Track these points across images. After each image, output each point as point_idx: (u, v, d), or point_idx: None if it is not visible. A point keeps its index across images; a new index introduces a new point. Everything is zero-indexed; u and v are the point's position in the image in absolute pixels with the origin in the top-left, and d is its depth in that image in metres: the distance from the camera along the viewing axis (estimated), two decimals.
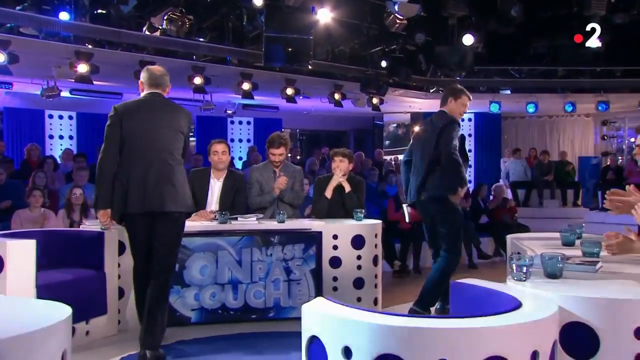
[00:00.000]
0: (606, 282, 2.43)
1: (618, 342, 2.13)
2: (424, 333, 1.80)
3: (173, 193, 4.07)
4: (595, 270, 2.63)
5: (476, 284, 2.48)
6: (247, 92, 10.85)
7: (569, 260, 2.70)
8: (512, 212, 10.40)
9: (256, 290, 5.08)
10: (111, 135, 4.08)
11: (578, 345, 2.16)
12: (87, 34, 8.84)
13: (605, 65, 13.09)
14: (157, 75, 4.29)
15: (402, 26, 10.13)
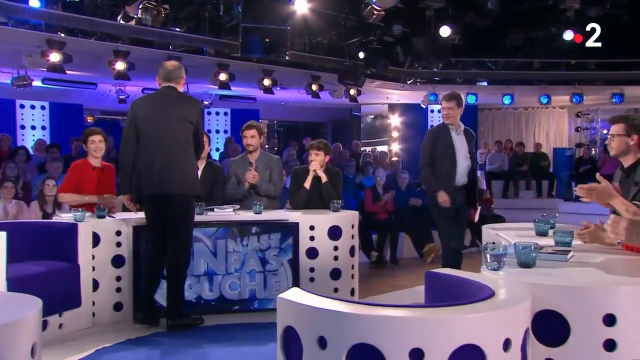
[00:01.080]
0: (577, 271, 2.46)
1: (588, 328, 2.16)
2: (398, 323, 1.81)
3: (177, 177, 4.49)
4: (567, 259, 2.67)
5: (451, 274, 2.50)
6: (223, 83, 10.76)
7: (541, 249, 2.73)
8: (489, 203, 10.49)
9: (232, 282, 5.07)
10: (128, 126, 4.65)
11: (549, 332, 2.19)
12: (60, 22, 8.66)
13: (579, 58, 13.25)
14: (169, 69, 4.75)
15: (380, 17, 10.12)
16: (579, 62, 13.37)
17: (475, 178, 5.60)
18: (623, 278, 2.31)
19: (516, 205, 12.44)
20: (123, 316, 4.91)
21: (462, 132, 5.53)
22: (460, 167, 5.44)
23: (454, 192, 5.41)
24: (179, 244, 4.58)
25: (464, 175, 5.48)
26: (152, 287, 4.73)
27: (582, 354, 2.17)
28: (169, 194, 4.50)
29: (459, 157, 5.44)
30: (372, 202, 8.29)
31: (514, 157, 13.96)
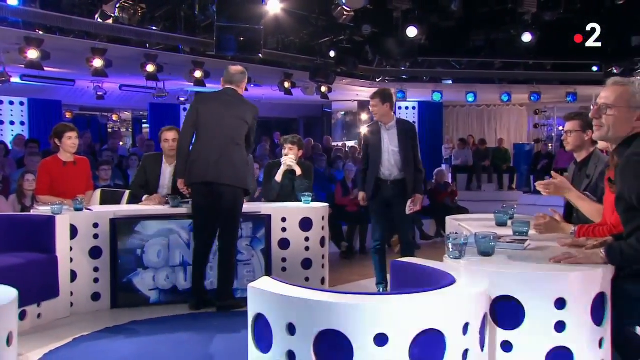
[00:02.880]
0: (532, 259, 2.50)
1: (541, 312, 2.20)
2: (363, 309, 1.82)
3: (230, 169, 4.70)
4: (524, 247, 2.71)
5: (415, 263, 2.52)
6: (199, 80, 10.70)
7: (500, 239, 2.77)
8: (453, 195, 10.60)
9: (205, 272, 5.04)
10: (189, 118, 4.89)
11: (506, 316, 2.22)
12: (37, 20, 8.50)
13: (536, 59, 13.43)
14: (232, 74, 4.96)
15: (349, 18, 10.12)
16: (536, 63, 13.56)
17: (410, 171, 5.25)
18: (572, 265, 2.35)
19: (479, 198, 12.60)
20: (101, 306, 4.86)
21: (394, 126, 5.31)
22: (386, 161, 5.25)
23: (379, 187, 5.29)
24: (229, 232, 4.79)
25: (392, 169, 5.26)
26: (198, 273, 4.87)
27: (536, 335, 2.21)
28: (219, 184, 4.68)
29: (384, 152, 5.26)
30: (342, 195, 8.30)
31: (477, 153, 14.12)
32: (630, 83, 2.53)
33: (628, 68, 13.12)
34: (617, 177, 2.46)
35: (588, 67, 13.57)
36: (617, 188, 2.45)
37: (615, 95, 2.54)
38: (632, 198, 2.33)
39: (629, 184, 2.34)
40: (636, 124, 2.49)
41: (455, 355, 1.90)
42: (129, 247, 4.90)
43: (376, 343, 1.80)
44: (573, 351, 2.21)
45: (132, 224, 4.92)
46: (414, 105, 16.45)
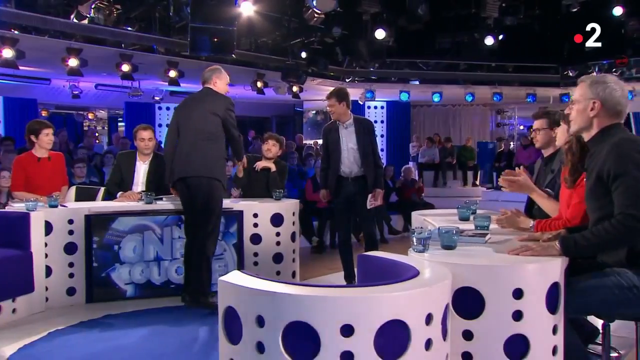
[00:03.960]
0: (492, 251, 2.53)
1: (500, 302, 2.22)
2: (329, 301, 1.82)
3: (199, 161, 4.60)
4: (484, 241, 2.73)
5: (381, 256, 2.53)
6: (173, 80, 10.60)
7: (462, 233, 2.79)
8: (420, 191, 10.69)
9: (178, 267, 5.02)
10: (171, 126, 4.92)
11: (467, 306, 2.24)
12: (12, 20, 8.32)
13: (499, 61, 13.62)
14: (204, 74, 4.97)
15: (320, 20, 10.12)
16: (498, 65, 13.75)
17: (369, 167, 5.20)
18: (530, 257, 2.38)
19: (444, 194, 12.71)
20: (76, 300, 4.80)
21: (352, 125, 5.27)
22: (345, 159, 5.22)
23: (341, 184, 5.26)
24: (201, 226, 4.61)
25: (351, 166, 5.23)
26: (186, 268, 4.78)
27: (495, 324, 2.23)
28: (191, 177, 4.61)
29: (343, 150, 5.22)
30: (313, 191, 8.30)
31: (443, 150, 14.25)
32: (589, 77, 2.62)
33: (582, 71, 13.37)
34: (596, 163, 2.49)
35: (546, 69, 13.81)
36: (595, 171, 2.48)
37: (578, 91, 2.63)
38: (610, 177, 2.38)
39: (618, 164, 2.38)
40: (591, 114, 2.55)
41: (418, 344, 1.91)
42: (107, 243, 4.85)
43: (342, 334, 1.80)
44: (529, 338, 2.24)
45: (108, 220, 4.85)
46: (382, 105, 16.52)
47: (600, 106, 2.54)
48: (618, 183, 2.37)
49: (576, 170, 2.91)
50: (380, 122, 16.51)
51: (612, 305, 2.50)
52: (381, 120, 16.58)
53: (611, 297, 2.47)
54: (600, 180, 2.45)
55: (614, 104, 2.54)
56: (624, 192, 2.36)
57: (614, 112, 2.55)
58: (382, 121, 16.60)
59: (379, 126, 16.62)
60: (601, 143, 2.54)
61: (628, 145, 2.42)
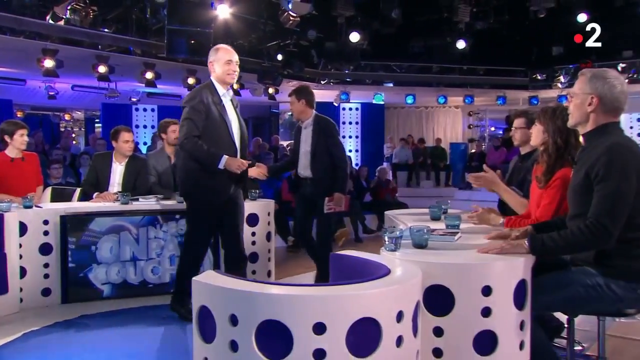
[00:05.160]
0: (462, 250, 2.54)
1: (469, 299, 2.24)
2: (301, 300, 1.81)
3: (179, 177, 4.30)
4: (454, 240, 2.75)
5: (353, 255, 2.52)
6: (150, 81, 10.51)
7: (433, 232, 2.80)
8: (394, 191, 10.74)
9: (153, 266, 4.97)
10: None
11: (437, 304, 2.25)
12: None
13: (470, 64, 13.78)
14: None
15: (296, 23, 10.14)
16: (470, 68, 13.91)
17: (321, 170, 4.89)
18: (498, 255, 2.40)
19: (417, 194, 12.79)
20: (51, 301, 4.71)
21: (311, 124, 4.96)
22: (301, 160, 4.98)
23: (300, 184, 5.08)
24: (186, 239, 4.41)
25: (305, 169, 4.96)
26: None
27: (464, 320, 2.25)
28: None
29: (300, 151, 4.98)
30: (289, 191, 8.29)
31: (416, 151, 14.35)
32: (589, 71, 2.56)
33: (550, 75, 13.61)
34: (587, 160, 2.49)
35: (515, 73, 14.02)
36: (584, 167, 2.48)
37: (577, 84, 2.59)
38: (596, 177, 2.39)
39: (606, 168, 2.37)
40: (589, 109, 2.53)
41: (389, 341, 1.91)
42: (84, 243, 4.77)
43: (315, 331, 1.80)
44: (497, 334, 2.26)
45: (85, 221, 4.78)
46: (357, 107, 16.57)
47: (597, 102, 2.50)
48: (601, 187, 2.37)
49: (550, 172, 2.94)
50: (355, 123, 16.57)
51: (576, 302, 2.55)
52: (356, 122, 16.63)
53: (575, 295, 2.51)
54: (587, 178, 2.45)
55: (612, 100, 2.50)
56: (603, 198, 2.36)
57: (611, 109, 2.51)
58: (356, 122, 16.65)
59: (353, 127, 16.67)
60: (596, 140, 2.52)
61: (621, 152, 2.40)
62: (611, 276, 2.48)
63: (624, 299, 2.50)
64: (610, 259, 2.48)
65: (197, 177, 4.07)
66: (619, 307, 2.56)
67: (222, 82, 4.15)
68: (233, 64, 4.12)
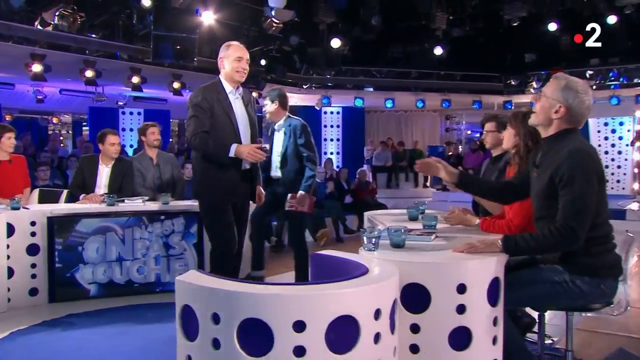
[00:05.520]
0: (438, 249, 2.55)
1: (445, 297, 2.25)
2: (281, 298, 1.80)
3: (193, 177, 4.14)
4: (431, 239, 2.76)
5: (333, 255, 2.52)
6: (136, 86, 10.42)
7: (411, 232, 2.81)
8: (373, 193, 10.75)
9: (139, 266, 4.92)
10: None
11: (414, 301, 2.25)
12: None
13: (447, 70, 13.87)
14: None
15: (278, 29, 10.14)
16: (447, 73, 14.01)
17: (291, 171, 4.81)
18: (472, 254, 2.41)
19: (397, 195, 12.85)
20: (38, 300, 4.65)
21: (282, 126, 4.88)
22: (272, 161, 4.89)
23: (270, 183, 4.93)
24: (210, 238, 4.07)
25: (276, 169, 4.87)
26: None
27: (440, 318, 2.26)
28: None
29: (274, 153, 4.89)
30: None
31: (395, 154, 14.40)
32: (565, 79, 2.56)
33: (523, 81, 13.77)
34: (550, 164, 2.51)
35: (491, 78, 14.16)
36: (548, 172, 2.50)
37: (549, 86, 2.60)
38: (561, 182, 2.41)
39: (571, 173, 2.40)
40: (554, 116, 2.56)
41: (367, 338, 1.91)
42: (70, 244, 4.71)
43: (295, 329, 1.79)
44: (472, 330, 2.28)
45: (71, 222, 4.72)
46: (338, 111, 16.61)
47: (565, 112, 2.53)
48: (566, 191, 2.40)
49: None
50: (337, 126, 16.60)
51: (544, 298, 2.58)
52: (337, 125, 16.67)
53: (543, 291, 2.55)
54: (552, 183, 2.48)
55: (579, 113, 2.54)
56: (569, 203, 2.39)
57: (575, 120, 2.55)
58: (338, 126, 16.69)
59: (335, 130, 16.70)
60: (557, 145, 2.55)
61: (584, 157, 2.43)
62: (577, 273, 2.52)
63: (588, 294, 2.54)
64: (574, 257, 2.52)
65: (208, 176, 3.91)
66: (585, 302, 2.60)
67: (231, 80, 3.92)
68: (243, 61, 3.91)
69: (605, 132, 14.62)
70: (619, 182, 14.47)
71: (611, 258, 2.60)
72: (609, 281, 2.57)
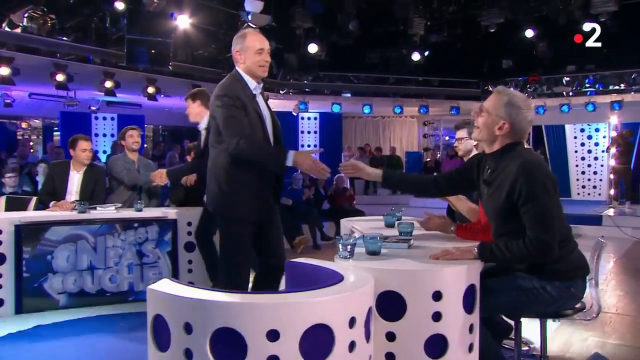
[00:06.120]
0: (414, 256, 2.57)
1: (420, 304, 2.26)
2: (255, 307, 1.80)
3: (209, 189, 3.45)
4: (407, 247, 2.78)
5: (308, 262, 2.53)
6: (109, 90, 10.31)
7: (387, 239, 2.82)
8: (351, 199, 10.78)
9: (111, 275, 4.85)
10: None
11: (390, 309, 2.26)
12: None
13: (425, 76, 13.99)
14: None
15: None
16: (425, 79, 14.12)
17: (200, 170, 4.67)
18: (448, 261, 2.44)
19: (375, 201, 12.88)
20: (4, 311, 4.54)
21: (204, 126, 4.67)
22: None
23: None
24: (221, 269, 3.42)
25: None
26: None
27: (416, 325, 2.27)
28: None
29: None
30: None
31: (373, 160, 14.47)
32: (507, 94, 2.59)
33: None
34: (503, 182, 2.54)
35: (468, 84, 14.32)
36: (504, 190, 2.52)
37: (490, 101, 2.63)
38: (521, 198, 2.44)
39: (529, 188, 2.42)
40: (498, 132, 2.60)
41: (342, 347, 1.92)
42: (39, 252, 4.62)
43: (268, 338, 1.79)
44: (448, 337, 2.29)
45: (40, 230, 4.64)
46: (315, 116, 16.63)
47: (509, 128, 2.57)
48: (529, 206, 2.43)
49: None
50: (314, 132, 16.62)
51: (517, 306, 2.62)
52: (314, 131, 16.69)
53: (516, 298, 2.58)
54: (509, 200, 2.50)
55: (521, 129, 2.58)
56: (535, 217, 2.43)
57: (518, 135, 2.60)
58: (315, 132, 16.71)
59: (312, 136, 16.71)
60: (503, 160, 2.59)
61: (536, 169, 2.46)
62: (546, 279, 2.56)
63: (558, 299, 2.59)
64: (540, 264, 2.55)
65: (242, 187, 3.31)
66: (557, 307, 2.64)
67: (253, 75, 3.38)
68: (265, 53, 3.37)
69: (581, 138, 14.88)
70: (595, 187, 14.72)
71: (576, 258, 2.64)
72: (577, 282, 2.62)
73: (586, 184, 14.86)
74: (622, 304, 5.36)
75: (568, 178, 14.93)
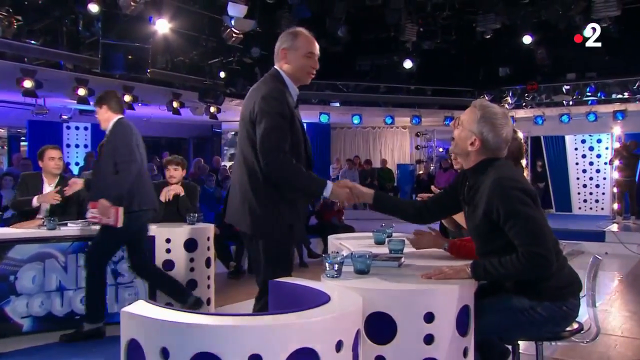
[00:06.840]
0: (405, 276, 2.58)
1: (411, 326, 2.26)
2: (236, 330, 1.80)
3: (233, 207, 3.12)
4: (398, 265, 2.79)
5: (293, 282, 2.53)
6: (82, 98, 10.26)
7: (376, 257, 2.83)
8: (340, 214, 10.78)
9: (82, 296, 4.78)
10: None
11: (379, 331, 2.27)
12: None
13: (417, 84, 14.10)
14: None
15: (239, 40, 10.18)
16: (417, 88, 14.23)
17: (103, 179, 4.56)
18: (440, 281, 2.45)
19: (365, 216, 12.87)
20: None
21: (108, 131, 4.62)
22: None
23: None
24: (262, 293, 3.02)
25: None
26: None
27: (407, 349, 2.27)
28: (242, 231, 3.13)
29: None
30: None
31: (363, 173, 14.52)
32: (482, 109, 2.64)
33: (497, 96, 14.07)
34: (479, 200, 2.58)
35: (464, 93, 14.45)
36: (480, 209, 2.57)
37: (466, 114, 2.69)
38: (500, 216, 2.46)
39: (505, 205, 2.45)
40: (470, 148, 2.64)
41: None
42: (1, 272, 4.54)
43: None
44: None
45: (3, 248, 4.58)
46: None
47: (479, 145, 2.61)
48: (512, 223, 2.46)
49: None
50: None
51: (508, 327, 2.64)
52: None
53: (506, 320, 2.61)
54: (488, 220, 2.54)
55: (494, 146, 2.61)
56: (522, 231, 2.45)
57: (492, 152, 2.64)
58: None
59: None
60: (480, 176, 2.62)
61: (508, 184, 2.49)
62: (536, 300, 2.58)
63: (550, 320, 2.60)
64: (528, 285, 2.57)
65: (288, 208, 3.06)
66: (550, 328, 2.65)
67: (296, 80, 3.21)
68: (314, 58, 3.18)
69: (582, 149, 15.01)
70: (598, 202, 14.83)
71: (566, 275, 2.66)
72: (570, 300, 2.63)
73: (588, 198, 14.98)
74: (628, 325, 5.36)
75: (569, 192, 15.05)
